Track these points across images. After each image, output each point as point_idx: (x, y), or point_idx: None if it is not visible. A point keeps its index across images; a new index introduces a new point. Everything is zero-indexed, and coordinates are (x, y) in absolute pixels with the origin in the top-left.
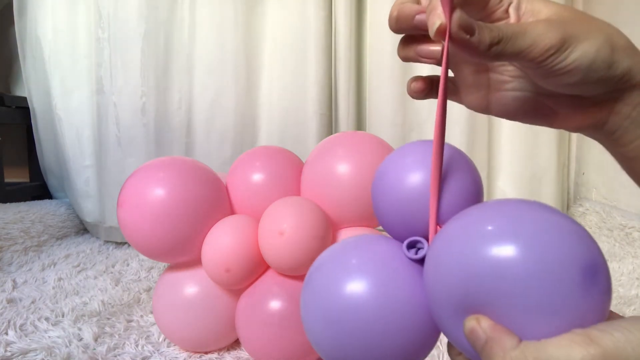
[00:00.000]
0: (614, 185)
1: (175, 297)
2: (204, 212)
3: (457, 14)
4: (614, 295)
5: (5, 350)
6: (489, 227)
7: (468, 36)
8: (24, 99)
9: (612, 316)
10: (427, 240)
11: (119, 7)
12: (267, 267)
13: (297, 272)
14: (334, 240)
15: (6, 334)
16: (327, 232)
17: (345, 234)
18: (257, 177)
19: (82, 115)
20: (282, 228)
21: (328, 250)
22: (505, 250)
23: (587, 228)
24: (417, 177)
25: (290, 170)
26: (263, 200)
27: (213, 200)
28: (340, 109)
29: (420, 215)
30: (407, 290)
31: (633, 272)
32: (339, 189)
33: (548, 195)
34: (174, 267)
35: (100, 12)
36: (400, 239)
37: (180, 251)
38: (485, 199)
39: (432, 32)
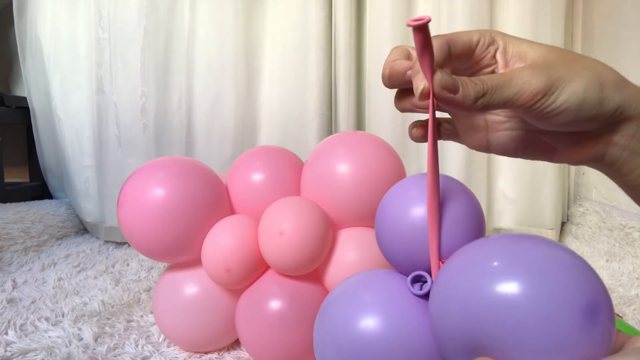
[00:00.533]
0: (614, 185)
1: (175, 297)
2: (204, 212)
3: (438, 76)
4: (614, 295)
5: (5, 350)
6: (493, 264)
7: (452, 95)
8: (24, 99)
9: (618, 338)
10: (430, 274)
11: (119, 7)
12: (267, 267)
13: (297, 272)
14: (333, 240)
15: (6, 334)
16: (327, 232)
17: (345, 234)
18: (257, 177)
19: (82, 115)
20: (282, 228)
21: (341, 285)
22: (508, 289)
23: (587, 228)
24: (419, 211)
25: (290, 170)
26: (263, 200)
27: (213, 200)
28: (340, 109)
29: (424, 249)
30: (415, 327)
31: (633, 272)
32: (339, 189)
33: (548, 196)
34: (174, 267)
35: (101, 12)
36: (405, 272)
37: (180, 251)
38: (485, 199)
39: (417, 95)
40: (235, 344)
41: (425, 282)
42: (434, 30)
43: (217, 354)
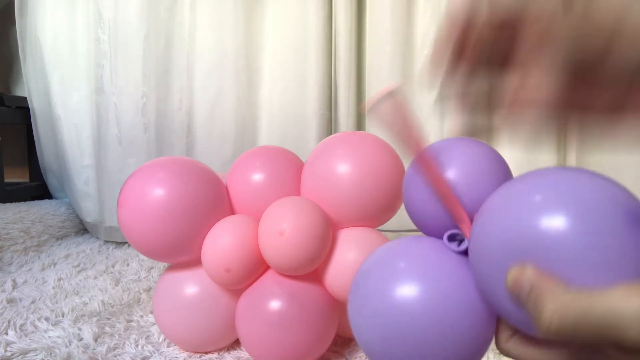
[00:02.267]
0: None
1: (175, 297)
2: (204, 212)
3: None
4: None
5: (5, 350)
6: (534, 198)
7: None
8: (24, 99)
9: None
10: (462, 231)
11: (119, 7)
12: (268, 267)
13: (297, 272)
14: (333, 240)
15: (6, 334)
16: (327, 232)
17: (345, 234)
18: (257, 177)
19: (82, 115)
20: (282, 228)
21: (373, 255)
22: (550, 213)
23: None
24: (449, 173)
25: (290, 170)
26: (263, 200)
27: (213, 200)
28: (340, 109)
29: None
30: (456, 287)
31: None
32: (339, 189)
33: None
34: (174, 267)
35: (101, 12)
36: (436, 234)
37: (180, 251)
38: None
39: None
40: (236, 344)
41: (463, 240)
42: (434, 29)
43: (217, 354)
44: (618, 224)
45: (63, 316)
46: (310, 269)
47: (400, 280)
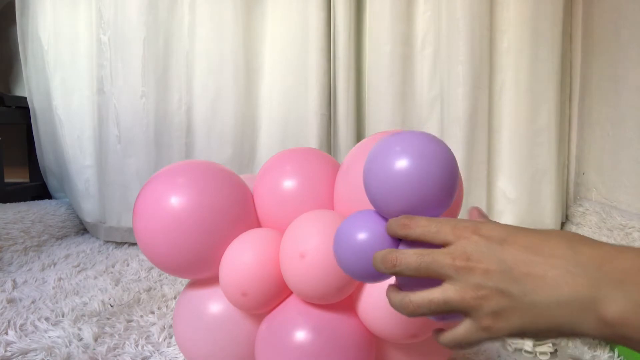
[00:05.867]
0: (614, 185)
1: (195, 318)
2: (226, 224)
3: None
4: None
5: (5, 350)
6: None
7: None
8: (24, 99)
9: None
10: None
11: (119, 8)
12: (291, 292)
13: (323, 301)
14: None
15: (6, 334)
16: None
17: None
18: (287, 184)
19: (83, 116)
20: (304, 249)
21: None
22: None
23: (587, 228)
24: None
25: (325, 177)
26: (292, 211)
27: (237, 210)
28: (339, 109)
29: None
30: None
31: None
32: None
33: (548, 196)
34: (196, 283)
35: (101, 13)
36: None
37: (200, 267)
38: (485, 199)
39: None
40: None
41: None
42: (434, 30)
43: None
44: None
45: (63, 316)
46: (339, 297)
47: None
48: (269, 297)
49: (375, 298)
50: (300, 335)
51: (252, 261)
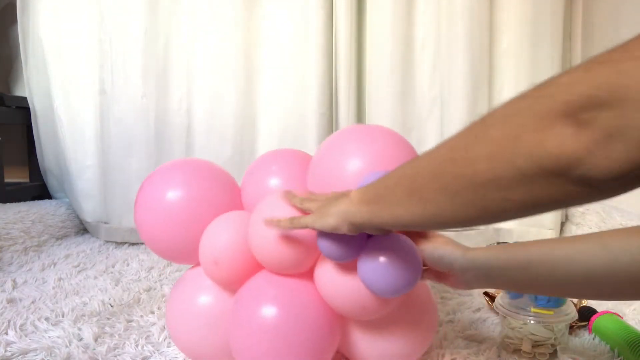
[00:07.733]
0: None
1: (186, 307)
2: (215, 213)
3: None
4: None
5: (5, 350)
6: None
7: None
8: (24, 99)
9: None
10: None
11: (120, 8)
12: (261, 267)
13: (290, 270)
14: None
15: (6, 334)
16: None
17: None
18: (271, 179)
19: (84, 116)
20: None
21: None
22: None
23: (587, 228)
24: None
25: (305, 173)
26: None
27: (225, 202)
28: (340, 108)
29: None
30: None
31: None
32: (347, 185)
33: None
34: (187, 277)
35: (102, 14)
36: None
37: (193, 253)
38: None
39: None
40: None
41: None
42: (434, 29)
43: None
44: None
45: (63, 316)
46: (299, 268)
47: None
48: (239, 267)
49: (329, 269)
50: (265, 306)
51: (223, 232)
